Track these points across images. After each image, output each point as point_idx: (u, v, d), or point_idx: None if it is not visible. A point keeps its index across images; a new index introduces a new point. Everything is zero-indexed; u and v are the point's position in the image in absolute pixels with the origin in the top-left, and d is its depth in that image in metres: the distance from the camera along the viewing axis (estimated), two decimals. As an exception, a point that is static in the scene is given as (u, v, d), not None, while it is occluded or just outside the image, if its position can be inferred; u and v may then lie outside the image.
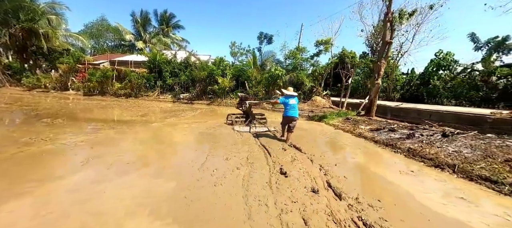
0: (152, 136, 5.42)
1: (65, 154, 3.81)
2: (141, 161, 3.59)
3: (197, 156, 4.00)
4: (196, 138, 5.58)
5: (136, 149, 4.31)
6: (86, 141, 4.56)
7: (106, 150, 4.09)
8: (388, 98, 20.00)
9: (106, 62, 22.62)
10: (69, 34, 23.99)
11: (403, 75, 21.20)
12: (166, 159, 3.81)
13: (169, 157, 3.94)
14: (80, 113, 8.47)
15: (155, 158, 3.86)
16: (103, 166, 3.28)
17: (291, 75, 16.37)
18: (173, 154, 4.18)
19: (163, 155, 4.07)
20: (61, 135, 4.93)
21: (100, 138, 4.85)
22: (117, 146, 4.39)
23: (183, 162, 3.66)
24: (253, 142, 5.44)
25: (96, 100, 14.57)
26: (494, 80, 13.38)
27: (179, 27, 37.31)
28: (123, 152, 3.98)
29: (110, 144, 4.49)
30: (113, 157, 3.70)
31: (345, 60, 19.46)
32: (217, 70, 16.03)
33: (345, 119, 8.92)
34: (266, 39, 31.76)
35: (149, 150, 4.25)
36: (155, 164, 3.51)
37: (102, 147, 4.25)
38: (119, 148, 4.29)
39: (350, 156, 4.65)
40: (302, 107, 13.64)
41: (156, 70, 16.97)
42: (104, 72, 16.72)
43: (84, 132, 5.36)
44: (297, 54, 18.71)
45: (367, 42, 23.97)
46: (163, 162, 3.66)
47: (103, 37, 34.52)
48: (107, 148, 4.18)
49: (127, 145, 4.54)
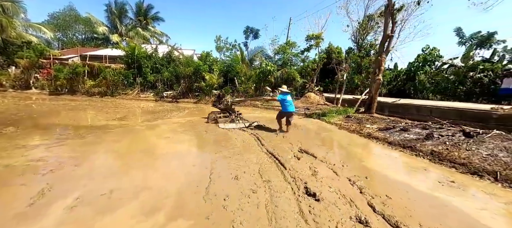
0: (135, 147, 4.41)
1: (8, 184, 2.72)
2: (123, 190, 2.64)
3: (198, 175, 3.14)
4: (190, 146, 4.67)
5: (114, 169, 3.33)
6: (44, 159, 3.45)
7: (71, 173, 3.05)
8: (379, 94, 20.25)
9: (76, 57, 20.24)
10: (29, 24, 21.11)
11: (387, 71, 21.63)
12: (158, 183, 2.90)
13: (162, 179, 3.02)
14: (41, 117, 7.04)
15: (143, 181, 2.92)
16: (63, 204, 2.29)
17: (282, 71, 15.72)
18: (166, 173, 3.26)
19: (154, 175, 3.14)
20: (10, 151, 3.75)
21: (64, 154, 3.76)
22: (87, 166, 3.36)
23: (182, 187, 2.77)
24: (257, 147, 4.67)
25: (65, 100, 12.76)
26: (477, 76, 13.87)
27: (158, 19, 34.89)
28: (95, 176, 2.99)
29: (78, 162, 3.44)
30: (80, 184, 2.71)
31: (332, 56, 19.33)
32: (203, 66, 14.89)
33: (346, 117, 8.46)
34: (252, 33, 30.85)
35: (133, 170, 3.29)
36: (145, 193, 2.59)
37: (65, 168, 3.20)
38: (89, 168, 3.27)
39: (375, 164, 4.06)
40: (296, 104, 13.08)
41: (135, 66, 15.36)
42: (73, 68, 14.77)
43: (44, 145, 4.19)
44: (287, 49, 18.10)
45: (353, 37, 24.18)
46: (155, 188, 2.74)
47: (71, 29, 31.11)
48: (72, 170, 3.14)
49: (101, 163, 3.52)
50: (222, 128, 6.43)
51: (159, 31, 34.03)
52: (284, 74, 16.06)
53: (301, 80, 15.88)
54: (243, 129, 6.51)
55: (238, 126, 6.65)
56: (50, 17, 30.49)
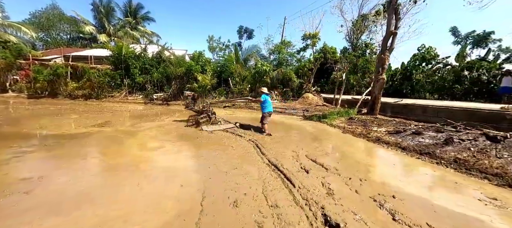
0: (111, 161, 3.68)
1: None
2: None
3: (187, 201, 2.47)
4: (179, 158, 3.98)
5: (78, 196, 2.61)
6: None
7: (16, 205, 2.32)
8: (367, 93, 20.06)
9: (60, 58, 19.05)
10: (8, 23, 19.73)
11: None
12: (129, 218, 2.21)
13: (137, 212, 2.32)
14: (7, 125, 6.16)
15: (105, 216, 2.22)
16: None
17: (278, 71, 15.17)
18: (144, 201, 2.56)
19: (125, 206, 2.44)
20: None
21: (16, 174, 3.01)
22: (42, 193, 2.62)
23: (163, 223, 2.10)
24: (257, 157, 4.05)
25: (44, 103, 11.73)
26: (475, 75, 13.74)
27: (148, 19, 33.82)
28: (51, 208, 2.27)
29: (30, 187, 2.71)
30: (24, 222, 1.99)
31: (326, 56, 18.96)
32: (196, 66, 14.14)
33: (348, 119, 7.95)
34: (246, 33, 30.25)
35: (100, 198, 2.58)
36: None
37: (11, 197, 2.46)
38: (45, 196, 2.54)
39: (395, 177, 3.49)
40: (294, 105, 12.54)
41: (123, 67, 14.43)
42: (54, 69, 13.69)
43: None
44: (283, 49, 17.60)
45: (347, 37, 23.98)
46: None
47: (55, 29, 29.57)
48: (18, 201, 2.40)
49: (62, 188, 2.79)
50: (206, 131, 6.15)
51: (149, 31, 32.92)
52: (280, 74, 15.54)
53: (298, 81, 15.39)
54: (226, 130, 6.40)
55: (221, 127, 6.53)
56: (32, 16, 28.86)
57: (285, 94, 15.68)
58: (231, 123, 7.07)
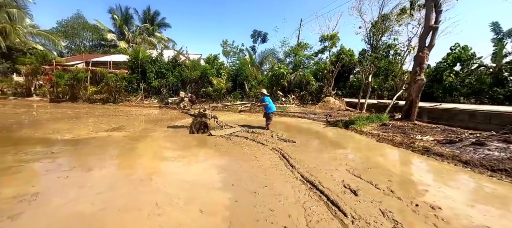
0: (118, 174, 3.20)
1: None
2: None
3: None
4: (196, 172, 3.41)
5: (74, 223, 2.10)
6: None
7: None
8: (397, 97, 18.69)
9: (82, 63, 19.70)
10: (36, 32, 20.81)
11: (408, 73, 20.08)
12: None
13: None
14: (22, 129, 6.00)
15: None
16: None
17: (295, 74, 14.46)
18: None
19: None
20: None
21: (11, 191, 2.58)
22: (35, 222, 2.14)
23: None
24: (286, 170, 3.37)
25: (63, 107, 11.89)
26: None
27: (165, 26, 34.64)
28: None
29: (24, 216, 2.24)
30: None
31: (344, 59, 17.92)
32: (211, 70, 13.82)
33: (381, 125, 7.06)
34: (260, 37, 29.90)
35: (115, 224, 2.05)
36: None
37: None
38: (46, 220, 2.05)
39: (478, 203, 2.67)
40: (314, 109, 11.73)
41: (139, 71, 14.47)
42: (74, 73, 13.99)
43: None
44: (299, 51, 16.89)
45: (366, 39, 22.77)
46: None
47: (79, 37, 31.08)
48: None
49: (63, 215, 2.31)
50: (214, 136, 5.73)
51: (165, 37, 33.69)
52: (297, 78, 14.82)
53: (317, 84, 14.56)
54: (235, 134, 6.00)
55: (228, 132, 6.17)
56: (59, 24, 30.55)
57: (303, 98, 14.91)
58: (237, 127, 6.73)
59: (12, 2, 17.65)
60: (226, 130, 6.26)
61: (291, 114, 11.08)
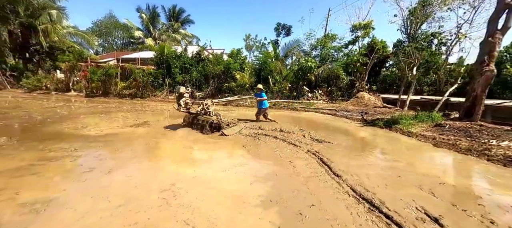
0: (143, 184, 2.84)
1: None
2: None
3: None
4: (224, 182, 2.93)
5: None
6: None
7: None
8: (439, 92, 16.58)
9: (113, 60, 20.77)
10: (74, 32, 22.38)
11: (451, 65, 17.67)
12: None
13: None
14: (53, 123, 6.13)
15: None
16: None
17: (323, 67, 13.40)
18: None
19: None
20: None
21: (23, 197, 2.33)
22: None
23: None
24: (330, 180, 2.73)
25: (97, 102, 12.46)
26: None
27: (189, 22, 35.23)
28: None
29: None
30: None
31: (379, 50, 16.16)
32: (234, 64, 13.42)
33: (434, 126, 5.96)
34: (284, 30, 28.83)
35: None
36: None
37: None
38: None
39: None
40: (345, 106, 10.70)
41: (164, 66, 14.65)
42: (106, 70, 14.63)
43: (19, 169, 2.88)
44: (327, 43, 15.67)
45: (402, 28, 20.44)
46: None
47: (111, 35, 33.05)
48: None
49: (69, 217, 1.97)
50: (228, 135, 5.13)
51: (189, 33, 34.29)
52: (325, 71, 13.73)
53: (347, 78, 13.35)
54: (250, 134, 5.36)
55: (237, 130, 5.57)
56: (94, 24, 32.76)
57: (331, 93, 13.83)
58: (240, 124, 6.20)
59: (53, 4, 19.08)
60: (234, 128, 5.66)
61: (320, 111, 10.22)
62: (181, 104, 5.60)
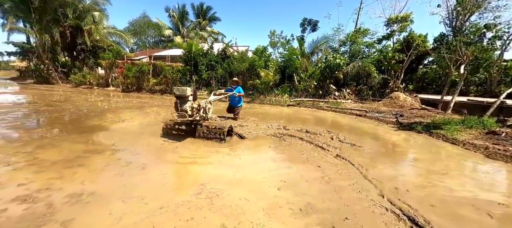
0: (176, 183, 2.95)
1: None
2: None
3: None
4: (269, 190, 2.91)
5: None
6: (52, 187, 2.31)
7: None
8: (489, 93, 14.58)
9: (146, 58, 22.21)
10: (113, 31, 24.37)
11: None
12: None
13: None
14: (95, 117, 6.75)
15: None
16: None
17: (353, 64, 12.63)
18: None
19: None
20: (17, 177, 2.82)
21: (75, 187, 2.56)
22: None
23: None
24: (373, 195, 2.51)
25: (131, 96, 13.47)
26: None
27: (215, 19, 36.03)
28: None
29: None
30: None
31: (419, 45, 14.59)
32: (259, 61, 13.35)
33: (486, 134, 5.23)
34: (310, 26, 27.83)
35: None
36: None
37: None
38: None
39: None
40: (377, 107, 9.97)
41: (192, 63, 15.20)
42: (140, 66, 15.70)
43: (69, 160, 3.21)
44: (358, 38, 14.71)
45: (446, 20, 18.23)
46: None
47: (145, 34, 35.36)
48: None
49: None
50: (247, 137, 4.74)
51: (216, 30, 35.11)
52: (354, 68, 12.92)
53: (380, 76, 12.42)
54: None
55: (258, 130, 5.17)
56: (130, 24, 35.34)
57: (360, 92, 13.02)
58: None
59: (96, 6, 20.96)
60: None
61: (348, 111, 9.68)
62: (187, 110, 4.23)
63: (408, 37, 15.43)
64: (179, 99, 4.36)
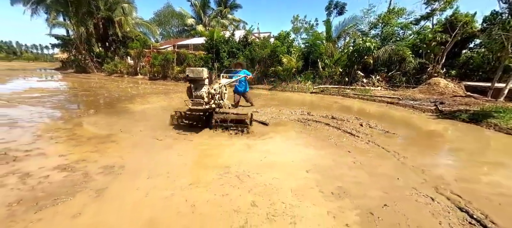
0: (204, 165, 2.96)
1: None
2: None
3: None
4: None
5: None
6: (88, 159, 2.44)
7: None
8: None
9: (170, 47, 22.91)
10: (140, 22, 25.42)
11: None
12: None
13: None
14: (125, 100, 7.12)
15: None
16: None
17: (385, 48, 11.54)
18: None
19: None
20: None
21: (108, 160, 2.68)
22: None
23: None
24: (401, 175, 2.24)
25: (158, 84, 14.09)
26: None
27: (236, 7, 35.58)
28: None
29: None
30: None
31: (467, 24, 12.71)
32: (281, 47, 12.89)
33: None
34: (336, 8, 26.05)
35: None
36: None
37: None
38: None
39: None
40: (412, 94, 9.09)
41: (214, 51, 15.27)
42: (165, 55, 16.24)
43: (103, 136, 3.39)
44: (392, 19, 13.35)
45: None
46: None
47: (169, 24, 36.39)
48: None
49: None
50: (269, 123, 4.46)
51: (237, 18, 34.76)
52: (386, 52, 11.80)
53: (416, 61, 11.23)
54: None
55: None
56: (155, 15, 36.57)
57: (391, 79, 11.97)
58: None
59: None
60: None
61: (378, 98, 8.97)
62: (203, 96, 3.60)
63: (452, 17, 13.51)
64: (193, 83, 3.68)
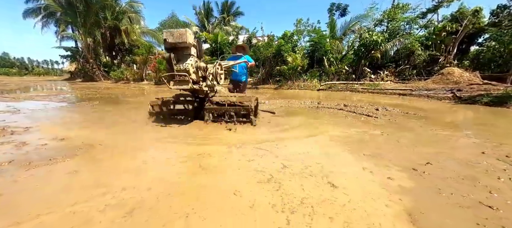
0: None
1: None
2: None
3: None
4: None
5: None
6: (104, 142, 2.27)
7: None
8: None
9: (175, 54, 23.19)
10: (146, 31, 25.99)
11: None
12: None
13: None
14: (134, 97, 7.06)
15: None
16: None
17: (393, 42, 11.28)
18: None
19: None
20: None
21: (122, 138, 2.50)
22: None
23: None
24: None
25: (163, 87, 14.12)
26: None
27: (239, 14, 36.20)
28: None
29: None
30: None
31: (477, 15, 12.36)
32: (286, 46, 12.78)
33: None
34: (339, 10, 26.04)
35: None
36: None
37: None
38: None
39: None
40: (425, 85, 8.74)
41: (218, 54, 15.32)
42: (170, 60, 16.38)
43: (113, 125, 3.22)
44: (397, 14, 13.12)
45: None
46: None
47: (174, 33, 37.12)
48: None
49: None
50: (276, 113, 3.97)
51: (239, 25, 35.26)
52: (395, 46, 11.54)
53: (426, 53, 10.90)
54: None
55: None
56: (160, 24, 37.46)
57: (400, 73, 11.64)
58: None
59: (130, 8, 22.51)
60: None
61: (389, 91, 8.68)
62: (188, 70, 2.70)
63: (457, 13, 13.14)
64: (175, 53, 2.65)
